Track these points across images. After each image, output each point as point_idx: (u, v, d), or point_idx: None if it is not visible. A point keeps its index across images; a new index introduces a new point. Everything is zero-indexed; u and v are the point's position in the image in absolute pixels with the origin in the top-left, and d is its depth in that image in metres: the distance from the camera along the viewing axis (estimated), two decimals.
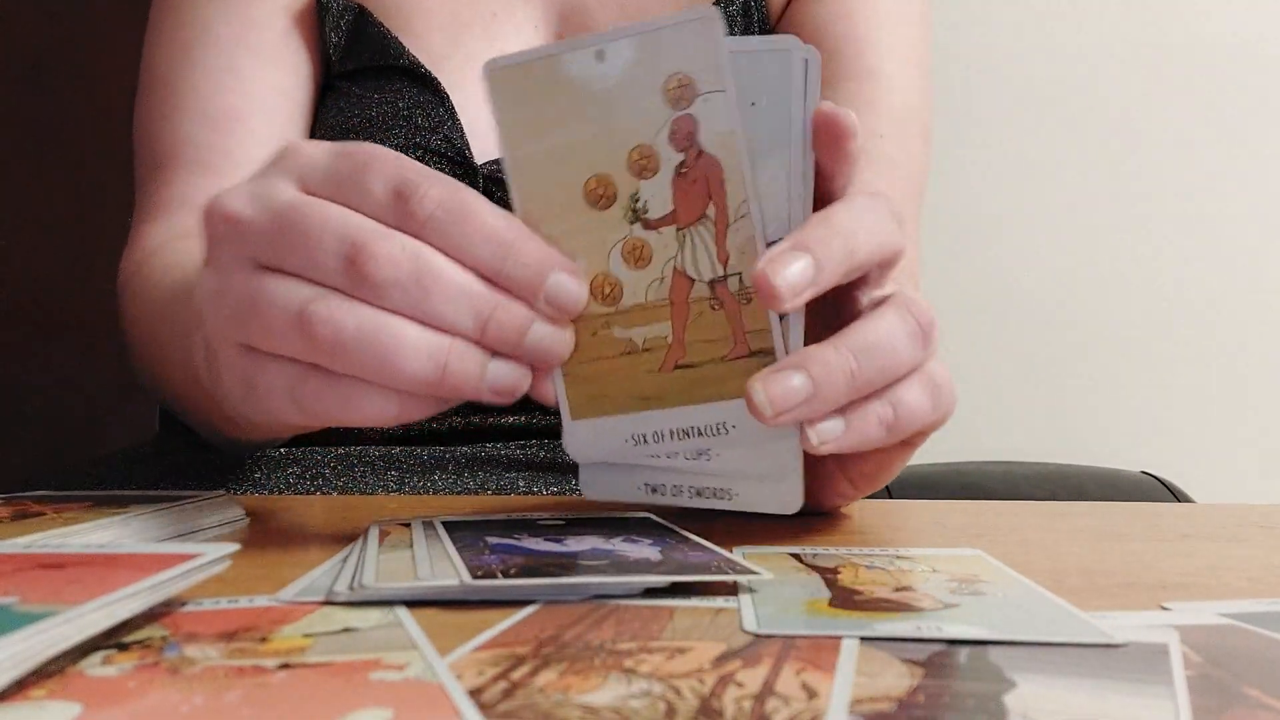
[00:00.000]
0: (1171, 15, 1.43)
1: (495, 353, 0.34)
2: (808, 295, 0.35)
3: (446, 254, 0.33)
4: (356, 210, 0.33)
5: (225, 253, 0.35)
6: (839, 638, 0.27)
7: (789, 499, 0.38)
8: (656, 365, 0.38)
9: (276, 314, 0.33)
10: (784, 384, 0.35)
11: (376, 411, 0.34)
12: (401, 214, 0.33)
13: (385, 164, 0.34)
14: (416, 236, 0.33)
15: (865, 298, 0.39)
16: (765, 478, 0.38)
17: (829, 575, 0.33)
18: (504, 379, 0.34)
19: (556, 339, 0.35)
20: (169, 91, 0.65)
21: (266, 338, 0.33)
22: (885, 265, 0.39)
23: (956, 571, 0.34)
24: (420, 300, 0.33)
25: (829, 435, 0.36)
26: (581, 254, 0.37)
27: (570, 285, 0.35)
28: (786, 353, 0.37)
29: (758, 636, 0.27)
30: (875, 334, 0.36)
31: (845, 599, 0.31)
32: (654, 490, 0.41)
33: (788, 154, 0.37)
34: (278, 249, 0.33)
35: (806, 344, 0.37)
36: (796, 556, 0.36)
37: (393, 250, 0.32)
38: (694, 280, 0.37)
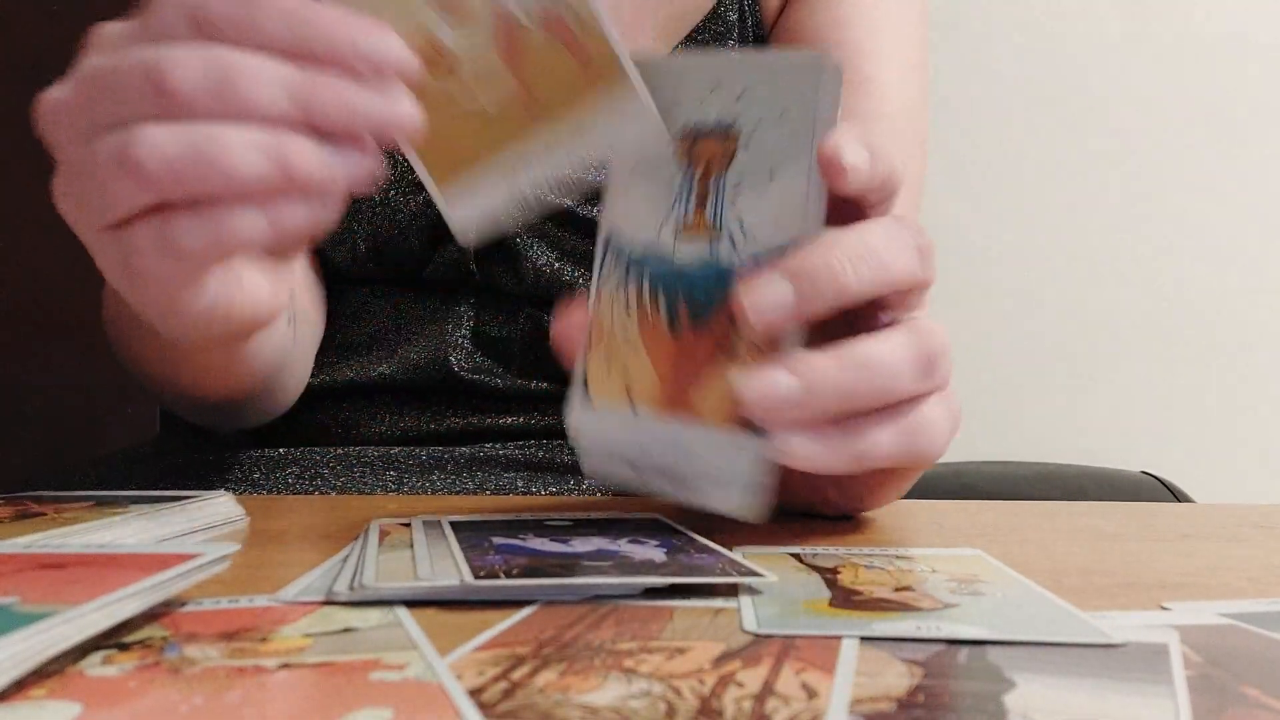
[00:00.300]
0: (1172, 15, 1.43)
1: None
2: (781, 323, 0.35)
3: (247, 50, 0.32)
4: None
5: (58, 140, 0.33)
6: (839, 638, 0.27)
7: (752, 507, 0.38)
8: (514, 121, 0.37)
9: (102, 166, 0.31)
10: (770, 380, 0.34)
11: (249, 231, 0.32)
12: (193, 30, 0.32)
13: (176, 1, 0.32)
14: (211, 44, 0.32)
15: (885, 318, 0.38)
16: (732, 483, 0.38)
17: (829, 575, 0.33)
18: (352, 159, 0.32)
19: (392, 103, 0.33)
20: None
21: (105, 195, 0.32)
22: (905, 293, 0.38)
23: (956, 571, 0.34)
24: (231, 99, 0.31)
25: (793, 448, 0.35)
26: (396, 22, 0.34)
27: (384, 41, 0.32)
28: None
29: (758, 636, 0.27)
30: (876, 353, 0.35)
31: (845, 599, 0.31)
32: (636, 469, 0.40)
33: (807, 163, 0.37)
34: (92, 109, 0.32)
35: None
36: (796, 556, 0.36)
37: (189, 58, 0.31)
38: (520, 22, 0.36)
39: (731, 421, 0.37)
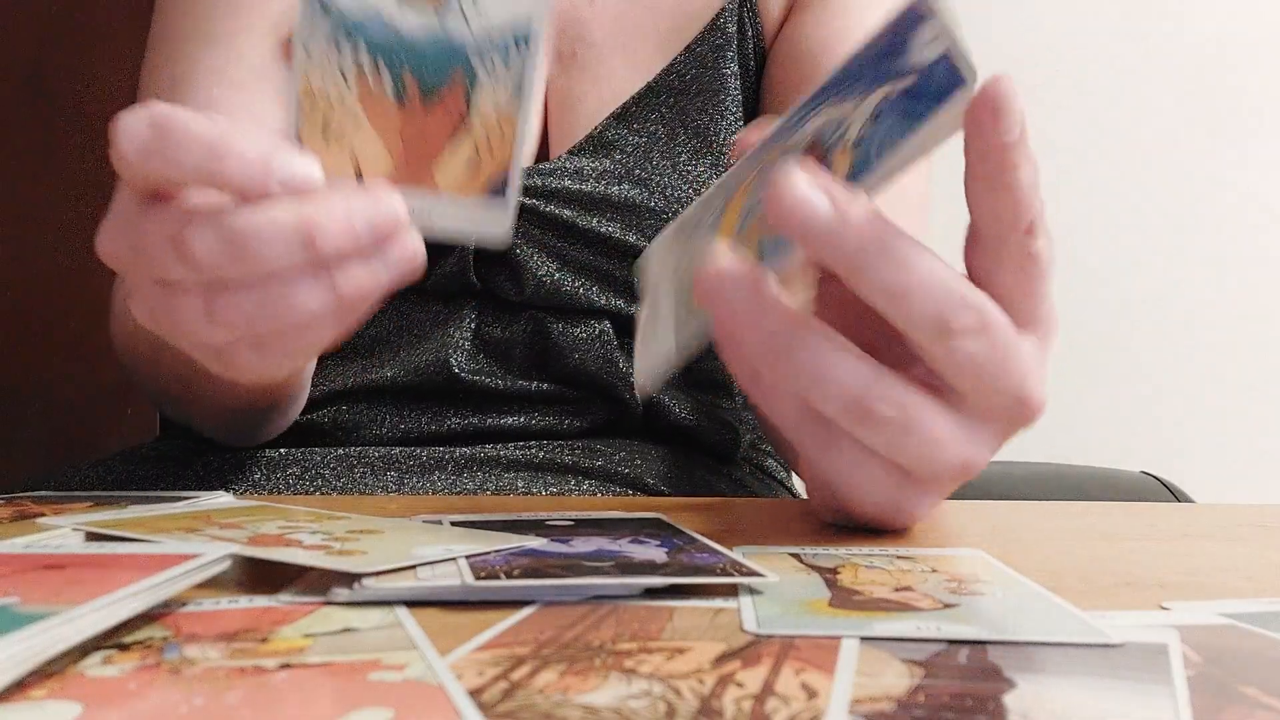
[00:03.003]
0: (1173, 16, 1.43)
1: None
2: (804, 232, 0.32)
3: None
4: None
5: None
6: (839, 638, 0.27)
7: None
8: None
9: (157, 245, 0.35)
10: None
11: (305, 305, 0.34)
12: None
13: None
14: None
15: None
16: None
17: (829, 575, 0.33)
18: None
19: (381, 209, 0.35)
20: None
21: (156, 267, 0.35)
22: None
23: (956, 571, 0.34)
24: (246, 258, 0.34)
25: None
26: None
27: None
28: None
29: (758, 636, 0.27)
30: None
31: (845, 599, 0.31)
32: None
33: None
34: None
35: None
36: (796, 556, 0.36)
37: (208, 241, 0.34)
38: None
39: (475, 191, 0.38)
